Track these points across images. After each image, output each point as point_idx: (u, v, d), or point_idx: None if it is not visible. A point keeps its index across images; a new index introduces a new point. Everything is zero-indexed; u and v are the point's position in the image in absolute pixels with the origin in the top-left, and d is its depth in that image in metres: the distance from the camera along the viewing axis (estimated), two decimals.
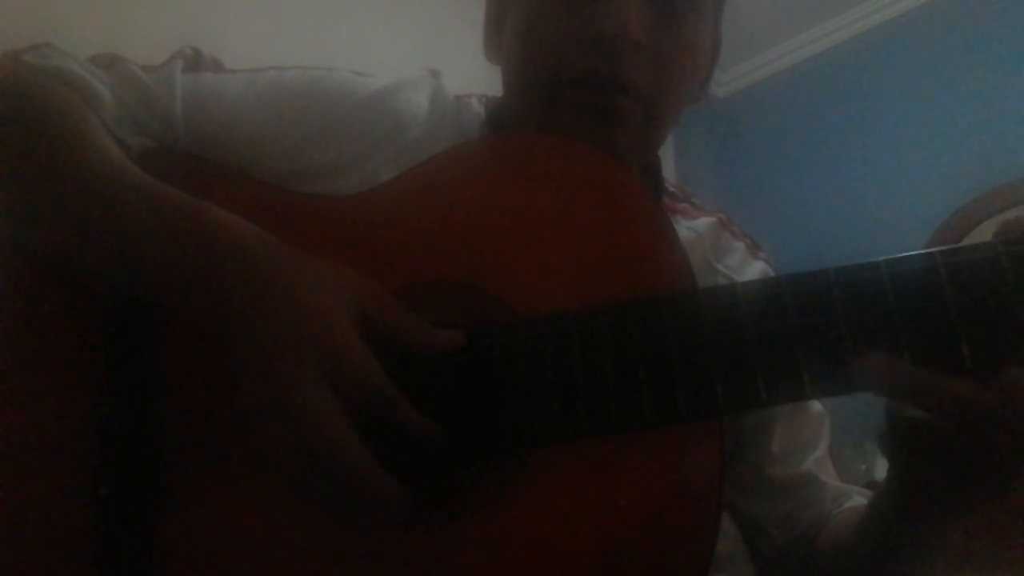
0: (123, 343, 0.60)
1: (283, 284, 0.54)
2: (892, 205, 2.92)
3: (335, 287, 0.55)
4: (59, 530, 0.57)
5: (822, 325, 0.50)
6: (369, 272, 0.57)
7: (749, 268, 0.82)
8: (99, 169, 0.60)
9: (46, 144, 0.62)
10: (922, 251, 0.50)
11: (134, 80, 0.70)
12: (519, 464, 0.54)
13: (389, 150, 0.71)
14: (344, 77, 0.76)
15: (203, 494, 0.57)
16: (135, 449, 0.58)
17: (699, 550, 0.51)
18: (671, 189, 0.86)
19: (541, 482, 0.53)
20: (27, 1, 1.75)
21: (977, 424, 0.48)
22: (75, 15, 1.79)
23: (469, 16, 0.91)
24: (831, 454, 0.81)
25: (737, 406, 0.52)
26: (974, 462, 0.50)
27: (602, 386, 0.53)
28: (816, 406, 0.81)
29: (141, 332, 0.61)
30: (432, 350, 0.55)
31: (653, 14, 0.67)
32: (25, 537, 0.58)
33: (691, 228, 0.81)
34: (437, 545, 0.53)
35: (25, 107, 0.64)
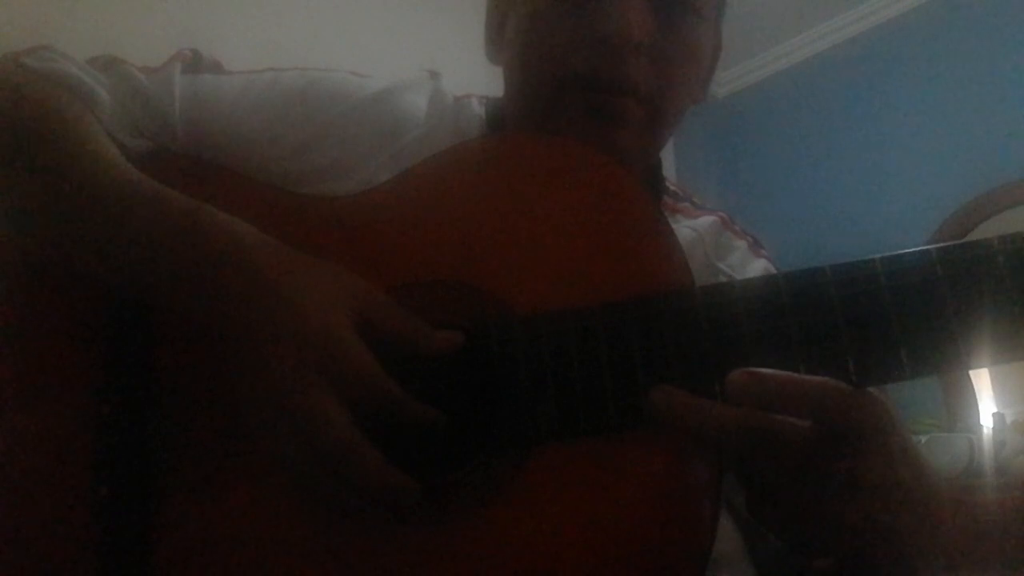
0: (123, 343, 0.61)
1: (281, 285, 0.54)
2: (892, 205, 2.93)
3: (333, 288, 0.55)
4: (59, 530, 0.57)
5: (819, 323, 0.51)
6: (367, 273, 0.57)
7: (751, 266, 0.82)
8: (98, 171, 0.60)
9: (45, 147, 0.62)
10: (919, 248, 0.50)
11: (133, 82, 0.70)
12: (517, 463, 0.54)
13: (388, 151, 0.71)
14: (343, 78, 0.76)
15: (202, 494, 0.57)
16: (135, 449, 0.58)
17: (697, 549, 0.51)
18: (672, 188, 0.86)
19: (539, 481, 0.53)
20: (26, 3, 1.75)
21: (736, 449, 0.49)
22: (74, 17, 1.79)
23: (469, 17, 0.91)
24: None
25: None
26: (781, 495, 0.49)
27: (600, 385, 0.53)
28: None
29: (140, 332, 0.61)
30: (430, 352, 0.56)
31: (655, 16, 0.67)
32: (25, 537, 0.58)
33: (692, 227, 0.80)
34: (435, 544, 0.53)
35: (24, 110, 0.64)
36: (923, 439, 2.43)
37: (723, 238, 0.83)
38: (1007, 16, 2.81)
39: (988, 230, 2.80)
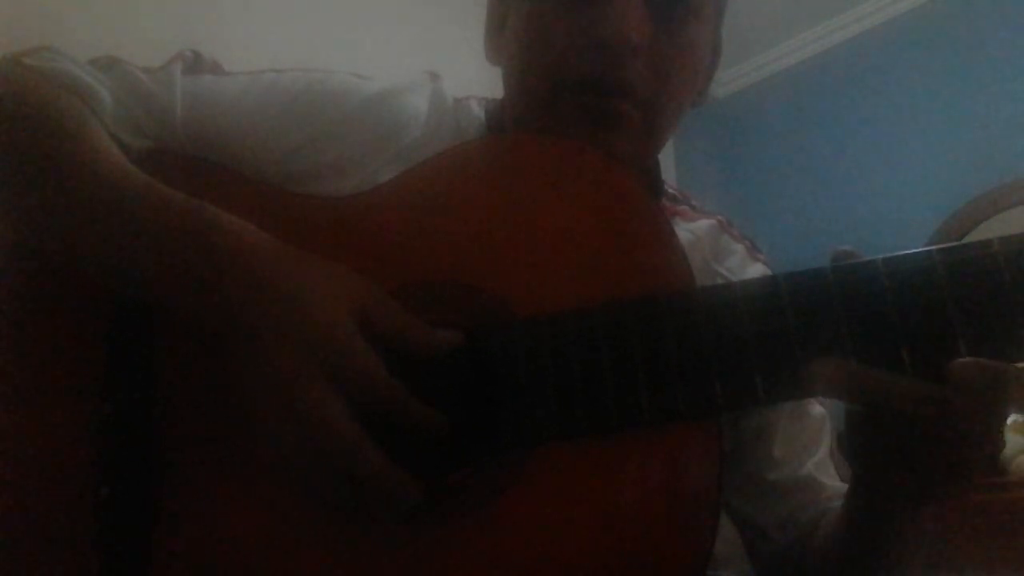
0: (124, 343, 0.61)
1: (284, 285, 0.54)
2: (892, 205, 2.92)
3: (335, 287, 0.55)
4: (60, 530, 0.58)
5: (820, 323, 0.51)
6: (368, 273, 0.57)
7: (749, 270, 0.82)
8: (99, 171, 0.60)
9: (47, 147, 0.62)
10: (920, 249, 0.50)
11: (134, 82, 0.70)
12: (517, 463, 0.54)
13: (388, 152, 0.71)
14: (343, 79, 0.76)
15: (204, 494, 0.57)
16: (136, 449, 0.58)
17: (697, 550, 0.51)
18: (670, 191, 0.86)
19: (539, 481, 0.53)
20: (27, 4, 1.75)
21: (923, 419, 0.49)
22: (75, 18, 1.80)
23: (470, 18, 0.91)
24: (831, 455, 0.81)
25: (736, 405, 0.52)
26: (925, 458, 0.51)
27: (600, 385, 0.53)
28: (816, 407, 0.81)
29: (142, 332, 0.61)
30: (431, 350, 0.56)
31: (653, 19, 0.67)
32: (26, 537, 0.58)
33: (690, 230, 0.81)
34: (435, 545, 0.53)
35: (26, 110, 0.64)
36: None
37: (721, 241, 0.83)
38: (1007, 16, 2.81)
39: (988, 230, 2.80)
